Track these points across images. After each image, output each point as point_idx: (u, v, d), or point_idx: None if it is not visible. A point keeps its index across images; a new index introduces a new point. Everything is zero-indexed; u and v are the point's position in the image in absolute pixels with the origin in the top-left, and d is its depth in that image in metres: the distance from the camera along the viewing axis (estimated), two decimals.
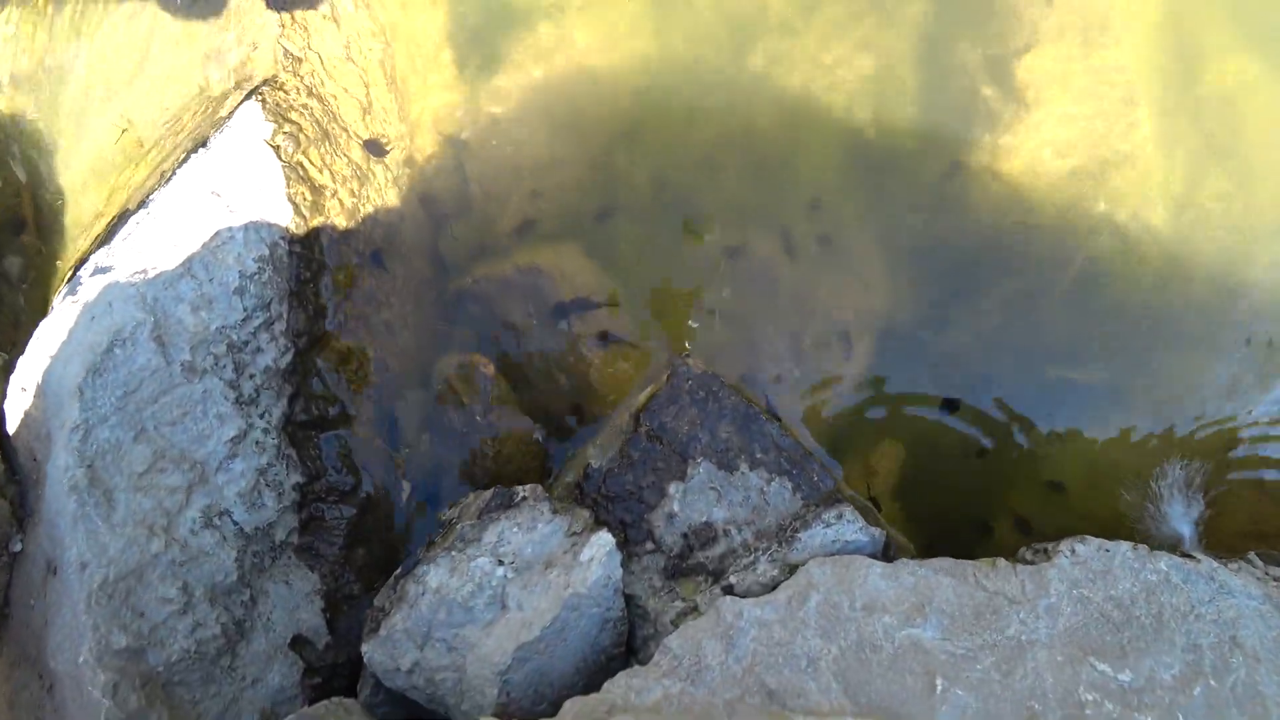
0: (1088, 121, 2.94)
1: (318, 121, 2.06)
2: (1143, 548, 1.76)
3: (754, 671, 1.52)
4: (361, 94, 2.17)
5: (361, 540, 2.16)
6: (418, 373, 2.30)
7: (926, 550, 2.49)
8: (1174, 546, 2.22)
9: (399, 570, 1.92)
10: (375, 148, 2.13)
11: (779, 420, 2.27)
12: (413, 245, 2.39)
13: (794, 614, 1.61)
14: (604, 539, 1.84)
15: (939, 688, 1.42)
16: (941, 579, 1.67)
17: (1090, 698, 1.45)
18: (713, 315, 2.60)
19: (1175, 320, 2.95)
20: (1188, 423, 2.77)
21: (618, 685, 1.57)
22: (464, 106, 2.55)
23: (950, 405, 2.57)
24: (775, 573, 1.82)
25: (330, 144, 2.09)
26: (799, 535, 1.88)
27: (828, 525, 1.89)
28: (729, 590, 1.83)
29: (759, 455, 1.97)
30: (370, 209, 2.22)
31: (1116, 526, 2.39)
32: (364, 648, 1.86)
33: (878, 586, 1.65)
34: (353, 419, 2.16)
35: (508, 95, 2.60)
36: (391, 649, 1.82)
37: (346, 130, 2.15)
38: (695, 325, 2.51)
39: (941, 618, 1.58)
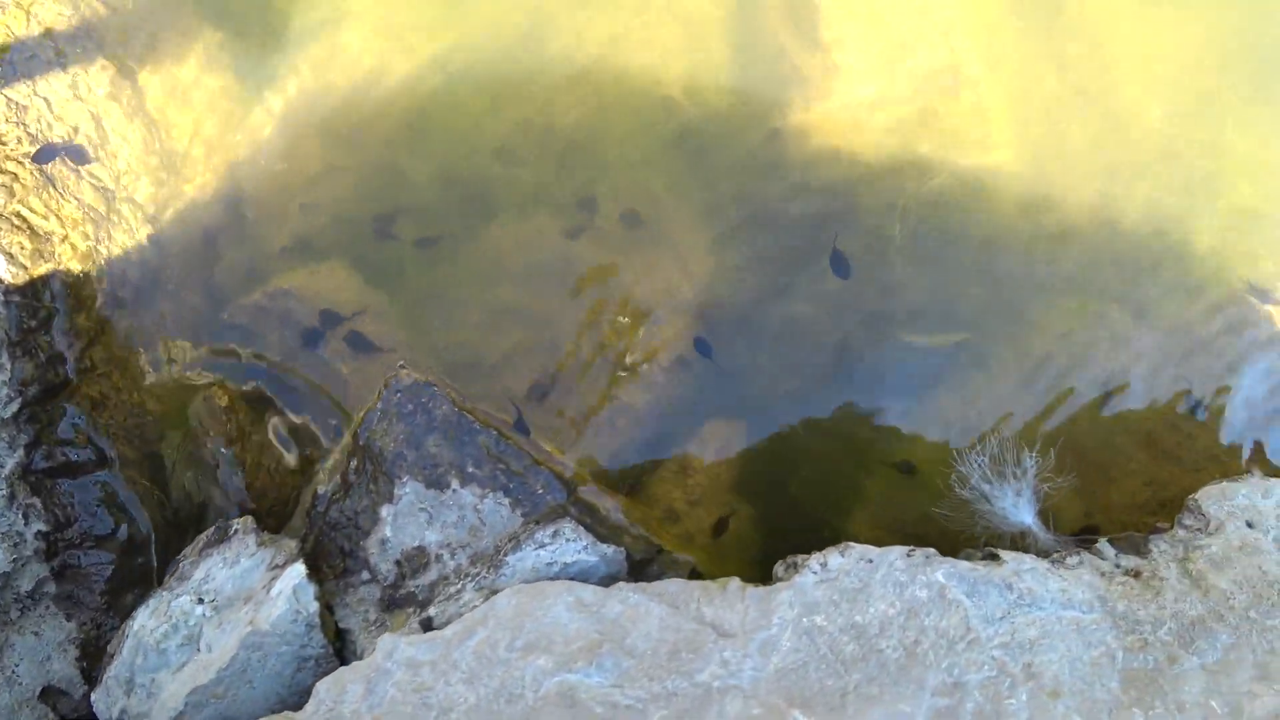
0: (905, 69, 2.68)
1: (38, 180, 2.12)
2: (920, 554, 1.53)
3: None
4: (92, 130, 2.22)
5: (131, 584, 2.20)
6: (184, 410, 2.34)
7: (761, 559, 2.31)
8: (1021, 536, 1.95)
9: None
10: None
11: (527, 430, 2.15)
12: (182, 279, 2.44)
13: (449, 654, 1.51)
14: (294, 571, 1.79)
15: None
16: (654, 607, 1.51)
17: None
18: (506, 314, 2.52)
19: (1040, 274, 2.67)
20: (1053, 385, 2.47)
21: None
22: (235, 129, 2.58)
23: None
24: (480, 602, 1.71)
25: (57, 189, 2.15)
26: (507, 559, 1.77)
27: (541, 546, 1.77)
28: (427, 624, 1.74)
29: (470, 470, 1.87)
30: (118, 249, 2.27)
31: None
32: (92, 695, 1.90)
33: (558, 620, 1.51)
34: (112, 462, 2.21)
35: (280, 113, 2.61)
36: (107, 696, 1.85)
37: (78, 173, 2.20)
38: (478, 328, 2.43)
39: (623, 658, 1.42)
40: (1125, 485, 2.50)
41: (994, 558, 1.59)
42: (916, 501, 2.36)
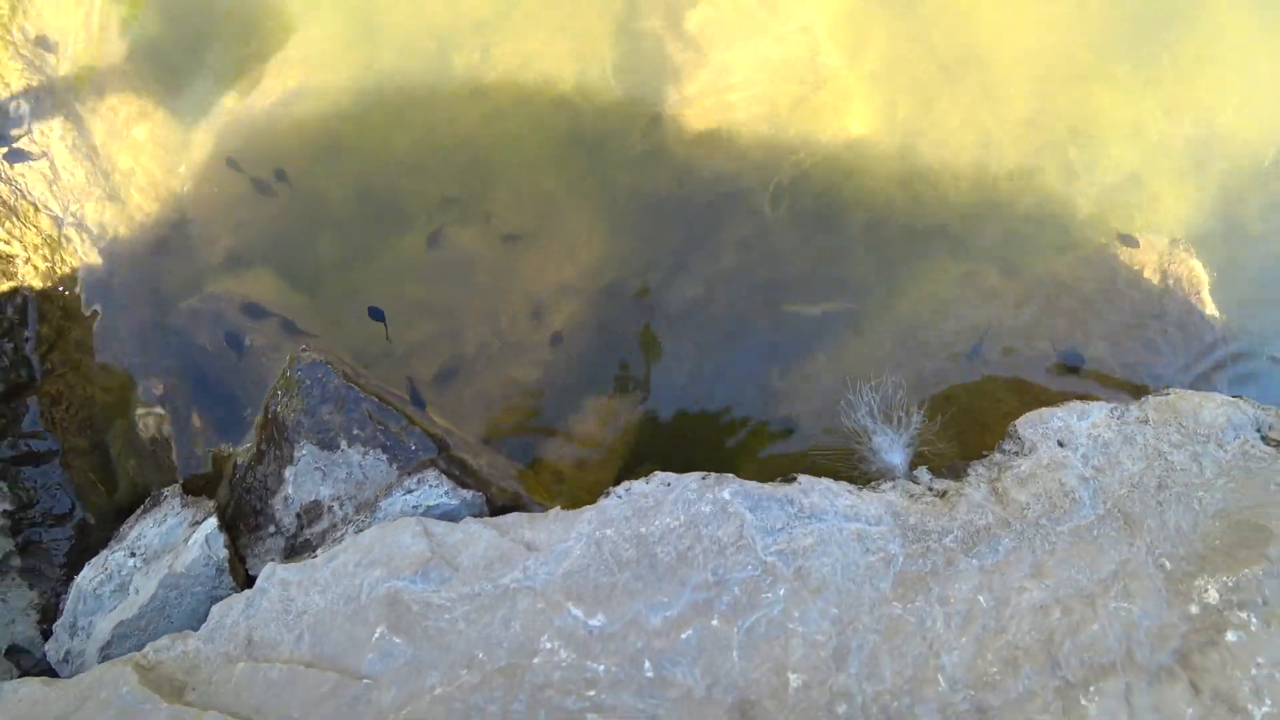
0: (770, 57, 3.06)
1: (4, 201, 2.61)
2: (713, 478, 1.83)
3: (253, 627, 1.81)
4: (45, 168, 2.71)
5: (85, 557, 2.61)
6: (129, 405, 2.78)
7: None
8: (891, 475, 2.25)
9: None
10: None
11: (423, 403, 2.54)
12: (130, 291, 2.90)
13: (313, 574, 1.88)
14: (208, 524, 2.19)
15: (376, 635, 1.62)
16: (485, 532, 1.86)
17: (548, 645, 1.53)
18: (415, 310, 2.92)
19: (919, 241, 2.99)
20: (927, 343, 2.78)
21: (160, 645, 1.90)
22: (173, 157, 3.06)
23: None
24: None
25: (18, 219, 2.63)
26: (380, 504, 2.15)
27: (408, 492, 2.15)
28: None
29: (355, 431, 2.26)
30: (71, 268, 2.75)
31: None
32: (45, 646, 2.31)
33: (401, 544, 1.87)
34: (67, 451, 2.65)
35: (211, 141, 3.08)
36: (55, 642, 2.26)
37: (35, 205, 2.69)
38: (385, 319, 2.83)
39: (446, 570, 1.77)
40: (999, 429, 2.78)
41: (791, 480, 1.91)
42: (795, 455, 2.69)
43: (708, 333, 2.91)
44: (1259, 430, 1.82)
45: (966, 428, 2.62)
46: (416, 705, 1.31)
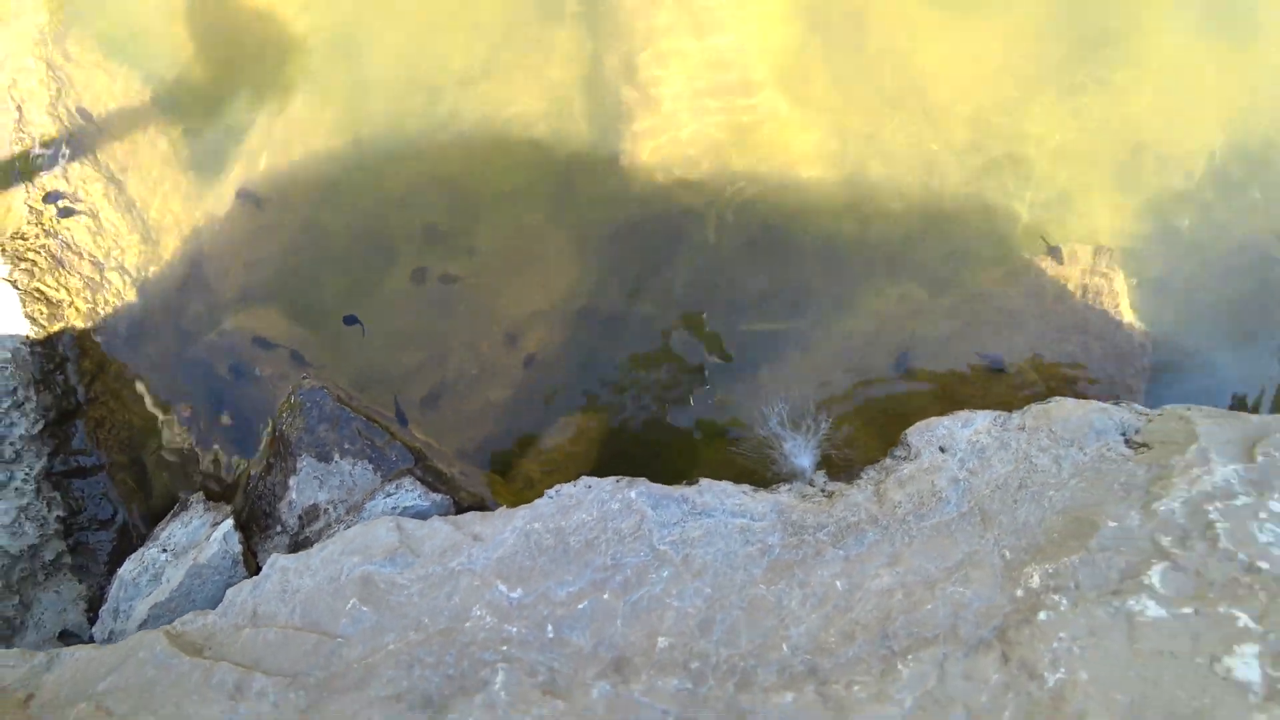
0: (717, 101, 3.47)
1: (53, 254, 3.14)
2: (626, 481, 2.26)
3: (258, 604, 2.27)
4: (91, 223, 3.24)
5: (124, 556, 3.13)
6: (160, 426, 3.29)
7: None
8: (798, 477, 2.65)
9: None
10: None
11: (405, 420, 3.00)
12: (158, 326, 3.42)
13: (308, 562, 2.34)
14: (226, 524, 2.67)
15: (350, 606, 2.08)
16: (444, 527, 2.29)
17: (478, 613, 1.96)
18: (407, 340, 3.39)
19: (865, 261, 3.38)
20: (861, 357, 3.17)
21: (184, 620, 2.37)
22: (195, 207, 3.58)
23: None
24: None
25: (65, 268, 3.17)
26: (365, 506, 2.61)
27: (389, 495, 2.61)
28: None
29: (347, 446, 2.72)
30: (110, 308, 3.27)
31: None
32: (93, 629, 2.81)
33: (378, 537, 2.32)
34: (110, 466, 3.17)
35: (227, 190, 3.59)
36: (101, 625, 2.76)
37: (79, 254, 3.22)
38: (383, 351, 3.31)
39: (410, 558, 2.20)
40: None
41: (694, 483, 2.31)
42: (738, 461, 3.09)
43: (660, 347, 3.33)
44: (1124, 433, 2.17)
45: (893, 433, 3.00)
46: (374, 657, 1.74)
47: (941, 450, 2.10)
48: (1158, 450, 1.99)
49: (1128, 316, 3.36)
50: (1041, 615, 1.56)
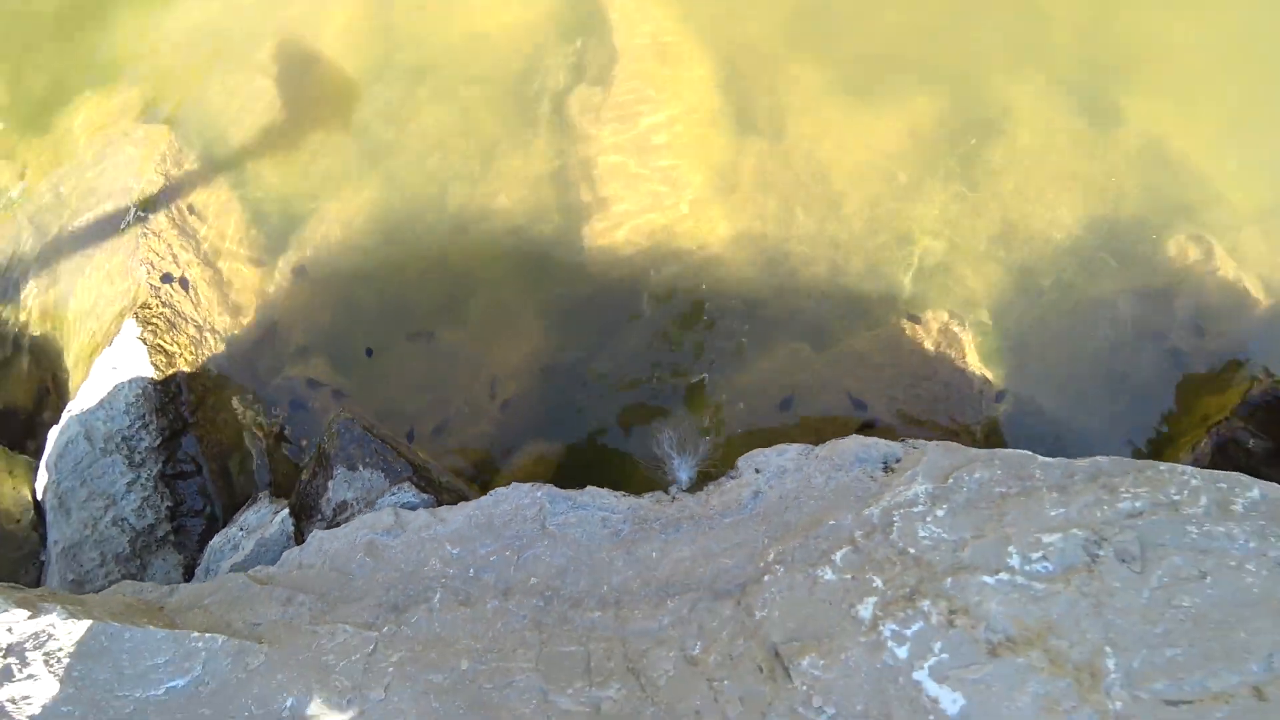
0: (651, 198, 4.73)
1: (169, 320, 4.61)
2: (538, 485, 3.44)
3: (302, 559, 3.59)
4: (193, 296, 4.71)
5: (214, 533, 4.53)
6: (242, 442, 4.70)
7: None
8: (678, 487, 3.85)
9: None
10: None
11: (410, 442, 4.32)
12: (241, 371, 4.84)
13: (336, 534, 3.66)
14: (283, 513, 4.02)
15: (359, 557, 3.37)
16: (424, 514, 3.58)
17: (432, 562, 3.24)
18: (420, 386, 4.72)
19: (778, 325, 4.55)
20: (755, 402, 4.34)
21: (255, 570, 3.70)
22: (267, 282, 5.02)
23: None
24: None
25: (176, 330, 4.63)
26: (377, 501, 3.93)
27: (393, 494, 3.91)
28: None
29: (367, 459, 4.05)
30: (206, 358, 4.72)
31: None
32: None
33: (382, 519, 3.61)
34: (204, 470, 4.59)
35: (288, 266, 5.02)
36: (194, 581, 4.14)
37: (184, 317, 4.68)
38: (404, 393, 4.64)
39: (401, 533, 3.48)
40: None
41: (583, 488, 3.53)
42: (643, 474, 4.27)
43: (610, 394, 4.56)
44: (884, 462, 3.29)
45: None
46: (369, 585, 3.02)
47: (756, 471, 3.26)
48: (895, 474, 3.11)
49: (975, 368, 4.44)
50: (766, 578, 2.70)
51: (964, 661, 2.05)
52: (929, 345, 4.28)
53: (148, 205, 4.81)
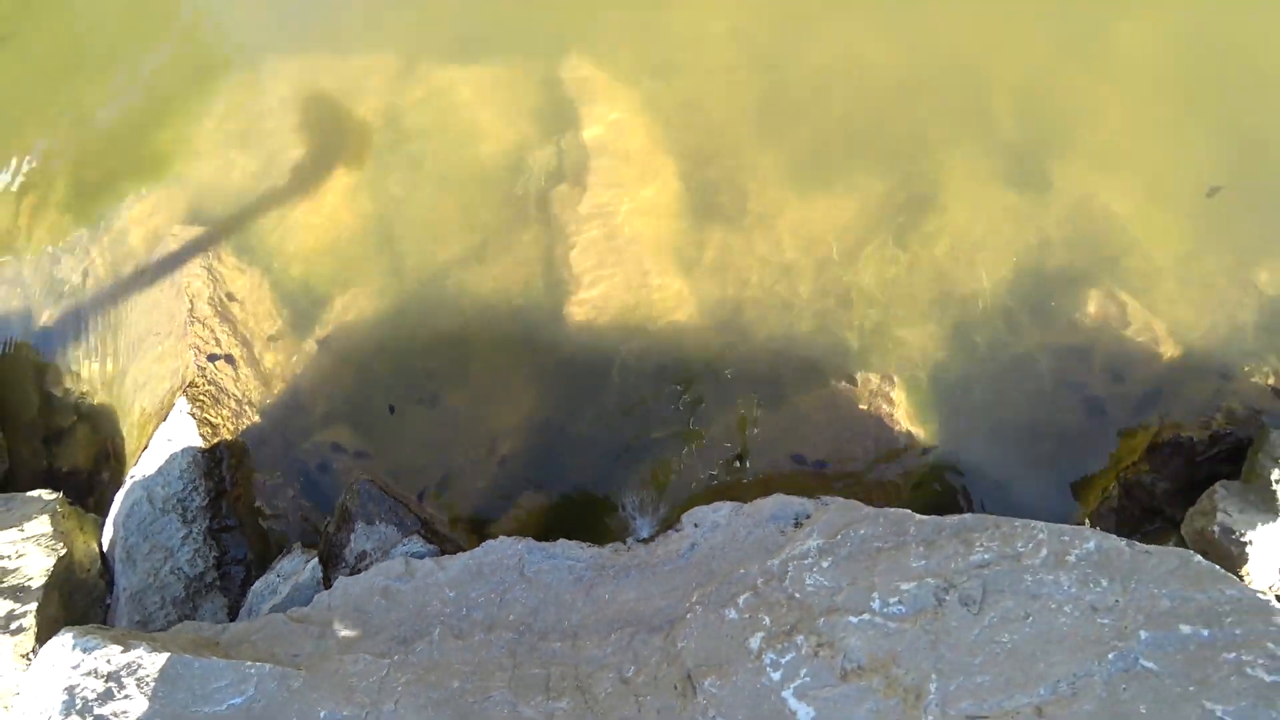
0: (620, 280, 5.60)
1: (213, 396, 5.55)
2: (518, 539, 4.34)
3: (331, 601, 4.45)
4: (234, 374, 5.65)
5: (255, 579, 5.43)
6: (270, 501, 5.60)
7: None
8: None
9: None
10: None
11: (420, 498, 5.19)
12: (275, 438, 5.76)
13: (357, 579, 4.53)
14: (313, 562, 4.91)
15: (376, 600, 4.24)
16: (429, 562, 4.46)
17: (434, 603, 4.15)
18: (427, 446, 5.61)
19: (732, 388, 5.37)
20: (707, 458, 5.15)
21: (292, 611, 4.57)
22: (292, 356, 5.95)
23: None
24: None
25: (219, 405, 5.57)
26: (390, 551, 4.80)
27: (404, 545, 4.79)
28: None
29: (384, 515, 4.92)
30: (245, 428, 5.65)
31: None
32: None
33: (394, 566, 4.48)
34: (240, 527, 5.49)
35: (313, 342, 5.95)
36: (244, 623, 5.02)
37: (226, 393, 5.62)
38: (414, 454, 5.52)
39: (409, 577, 4.37)
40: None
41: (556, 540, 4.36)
42: (615, 528, 5.09)
43: (592, 454, 5.40)
44: (796, 518, 4.09)
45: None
46: (384, 623, 3.88)
47: (695, 526, 4.07)
48: (801, 529, 3.91)
49: (903, 425, 5.22)
50: (688, 615, 3.49)
51: (821, 683, 2.83)
52: (862, 404, 5.06)
53: (194, 295, 5.77)
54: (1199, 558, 2.93)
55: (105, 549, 5.09)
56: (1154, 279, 5.93)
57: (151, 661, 3.32)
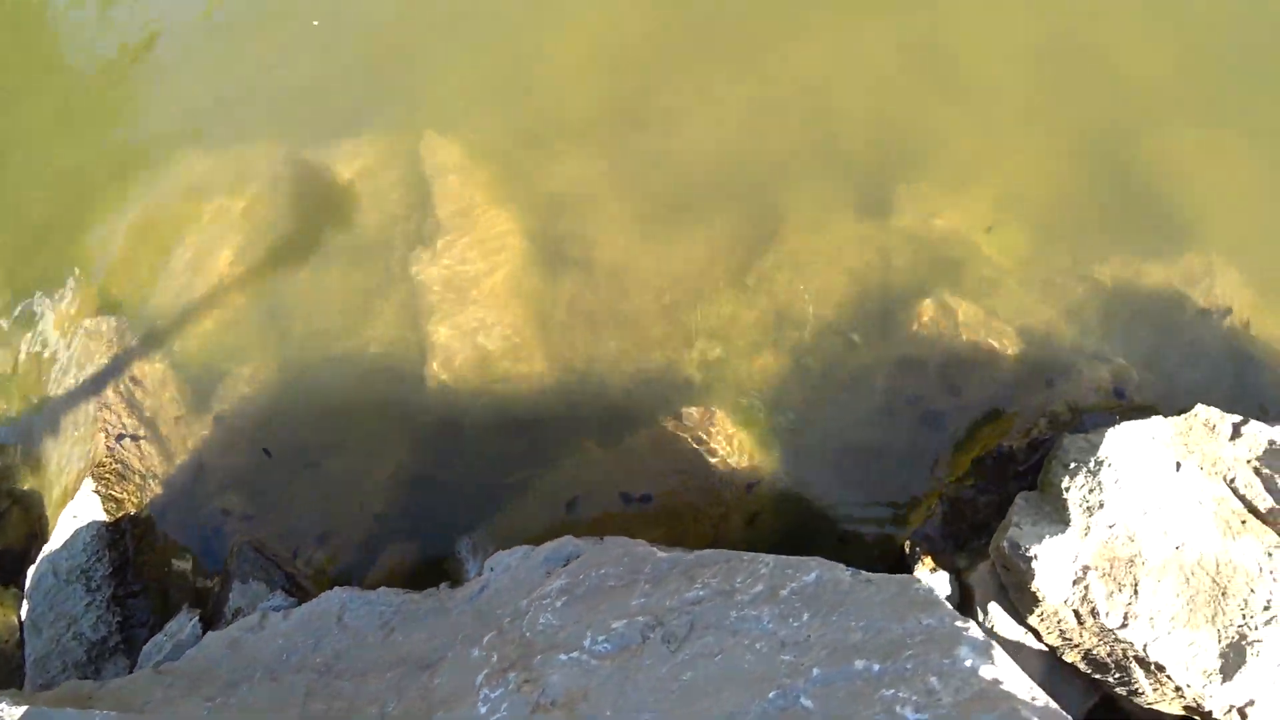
0: (476, 338, 6.27)
1: (119, 473, 6.36)
2: (349, 588, 5.02)
3: (198, 653, 5.16)
4: (139, 451, 6.46)
5: (151, 637, 6.18)
6: (170, 566, 6.35)
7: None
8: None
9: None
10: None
11: (295, 557, 5.89)
12: (174, 508, 6.53)
13: (220, 633, 5.24)
14: (194, 620, 5.63)
15: (226, 649, 4.93)
16: (279, 615, 5.16)
17: (277, 643, 4.83)
18: (310, 510, 6.32)
19: (567, 432, 6.00)
20: (552, 493, 5.77)
21: (163, 665, 5.29)
22: (194, 425, 6.74)
23: None
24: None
25: (125, 480, 6.37)
26: (258, 605, 5.50)
27: (268, 600, 5.49)
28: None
29: (255, 573, 5.62)
30: (149, 498, 6.44)
31: None
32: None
33: (252, 620, 5.19)
34: (145, 592, 6.25)
35: (211, 417, 6.73)
36: (121, 679, 5.77)
37: (131, 469, 6.43)
38: (295, 519, 6.25)
39: (260, 628, 5.07)
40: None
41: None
42: (450, 570, 5.72)
43: (454, 501, 6.05)
44: (566, 559, 4.68)
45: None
46: (223, 670, 4.57)
47: (491, 569, 4.71)
48: (564, 568, 4.50)
49: (734, 457, 5.76)
50: (449, 654, 3.91)
51: (515, 716, 3.31)
52: (689, 439, 5.63)
53: (100, 382, 6.62)
54: (919, 584, 3.03)
55: (22, 620, 5.89)
56: (994, 284, 6.36)
57: (10, 714, 4.04)
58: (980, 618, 4.05)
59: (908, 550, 4.58)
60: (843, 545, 5.34)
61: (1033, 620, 3.84)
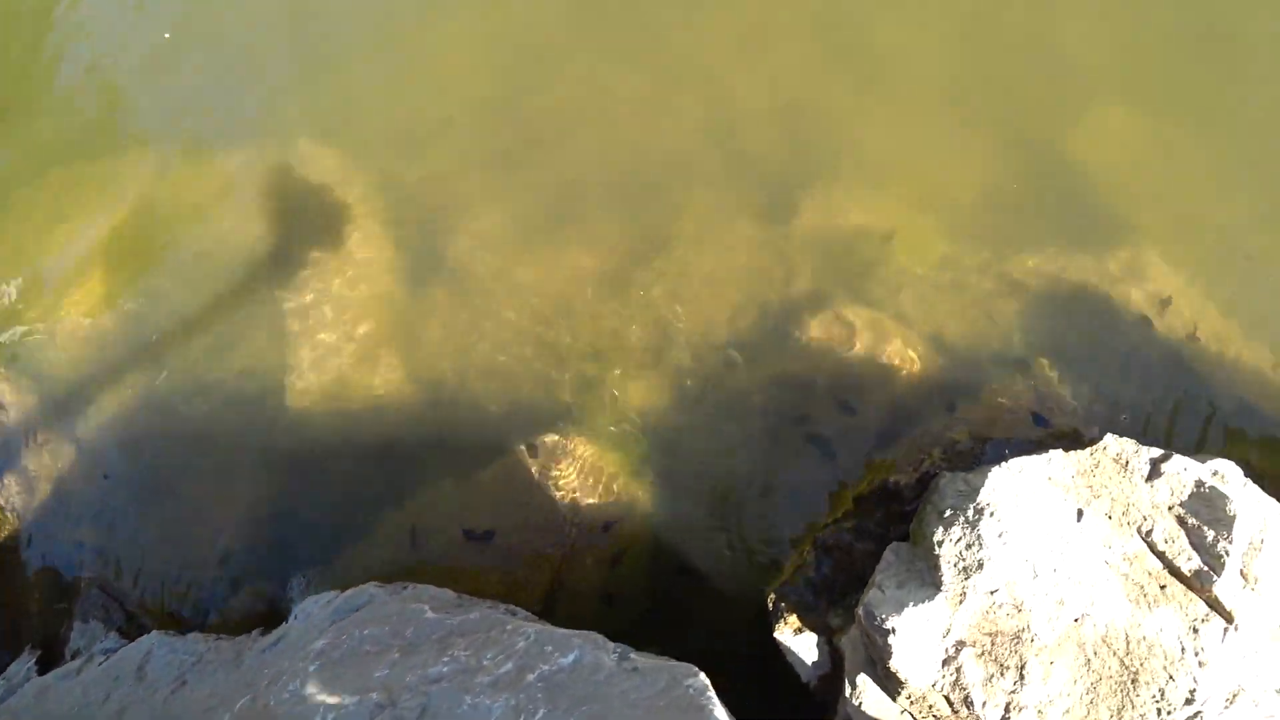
0: (340, 362, 6.10)
1: None
2: (201, 636, 4.90)
3: (32, 691, 5.09)
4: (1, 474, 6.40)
5: None
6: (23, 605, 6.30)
7: None
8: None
9: None
10: None
11: (142, 597, 5.80)
12: (31, 539, 6.48)
13: (51, 676, 5.16)
14: (31, 663, 5.57)
15: (68, 686, 4.84)
16: (115, 660, 5.07)
17: (117, 684, 4.72)
18: (164, 547, 6.23)
19: (427, 458, 5.82)
20: (394, 533, 5.60)
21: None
22: (57, 454, 6.67)
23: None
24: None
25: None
26: (93, 646, 5.42)
27: (101, 641, 5.40)
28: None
29: (95, 614, 5.54)
30: (7, 532, 6.38)
31: None
32: None
33: (70, 667, 5.11)
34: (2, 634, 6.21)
35: (73, 445, 6.65)
36: None
37: (4, 509, 6.37)
38: (145, 557, 6.15)
39: (94, 668, 4.99)
40: None
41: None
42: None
43: (310, 539, 5.90)
44: (357, 608, 4.50)
45: None
46: (36, 714, 4.47)
47: (296, 617, 4.54)
48: (339, 621, 4.31)
49: (583, 492, 5.53)
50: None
51: None
52: (535, 471, 5.41)
53: None
54: (694, 680, 2.76)
55: None
56: (903, 289, 6.01)
57: None
58: (848, 692, 3.38)
59: (770, 606, 4.23)
60: (704, 598, 5.07)
61: (902, 702, 3.23)
